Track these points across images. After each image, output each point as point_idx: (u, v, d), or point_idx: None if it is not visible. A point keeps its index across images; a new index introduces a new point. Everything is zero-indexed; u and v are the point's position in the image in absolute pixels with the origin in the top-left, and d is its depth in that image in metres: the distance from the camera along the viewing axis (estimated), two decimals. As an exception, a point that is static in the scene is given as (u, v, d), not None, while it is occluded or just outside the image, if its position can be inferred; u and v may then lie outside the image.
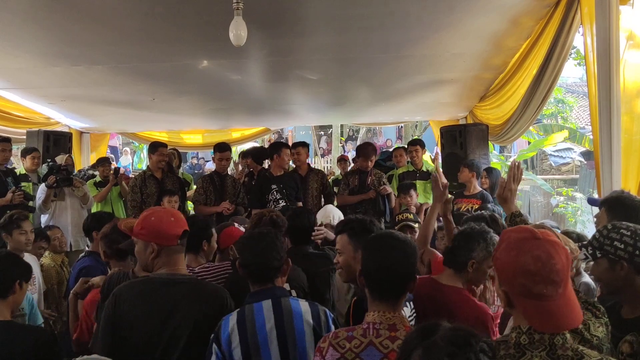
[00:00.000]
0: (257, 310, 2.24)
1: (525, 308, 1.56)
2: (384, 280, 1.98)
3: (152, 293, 2.29)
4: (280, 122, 11.16)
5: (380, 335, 1.88)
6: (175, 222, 2.39)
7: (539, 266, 1.52)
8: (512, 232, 1.68)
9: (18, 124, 7.12)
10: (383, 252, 2.02)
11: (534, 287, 1.52)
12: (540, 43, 4.75)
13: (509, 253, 1.59)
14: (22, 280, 2.69)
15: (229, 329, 2.19)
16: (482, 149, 6.84)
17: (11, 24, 4.26)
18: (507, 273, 1.59)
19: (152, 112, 7.86)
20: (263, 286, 2.32)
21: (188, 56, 5.28)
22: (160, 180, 6.13)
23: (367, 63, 5.71)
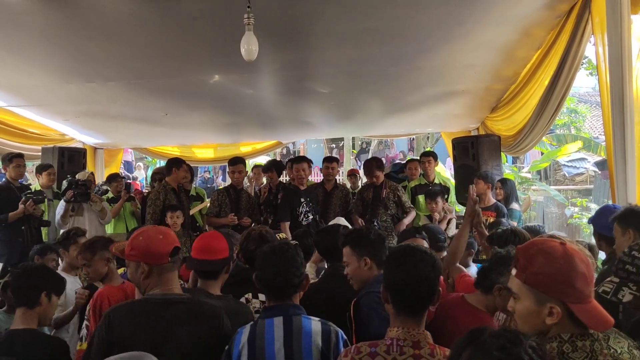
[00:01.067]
0: (268, 327, 2.22)
1: (583, 312, 1.53)
2: (408, 295, 1.94)
3: (146, 314, 2.24)
4: (291, 136, 11.19)
5: (404, 353, 1.85)
6: (165, 240, 2.33)
7: (586, 267, 1.54)
8: (538, 244, 1.64)
9: (33, 140, 7.21)
10: (407, 266, 1.97)
11: (587, 288, 1.53)
12: (552, 53, 4.74)
13: (557, 262, 1.55)
14: (51, 292, 2.70)
15: (240, 345, 2.18)
16: (495, 160, 6.80)
17: (26, 42, 4.33)
18: (562, 281, 1.54)
19: (165, 127, 7.92)
20: (279, 302, 2.30)
21: (200, 71, 5.33)
22: (179, 195, 6.17)
23: (379, 75, 5.72)
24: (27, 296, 2.64)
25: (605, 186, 11.85)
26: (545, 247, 1.61)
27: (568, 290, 1.54)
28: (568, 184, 15.12)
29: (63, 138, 7.94)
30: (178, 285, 2.40)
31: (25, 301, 2.63)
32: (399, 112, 7.78)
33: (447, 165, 13.02)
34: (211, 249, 2.71)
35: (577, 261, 1.53)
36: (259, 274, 2.34)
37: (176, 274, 2.40)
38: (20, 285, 2.67)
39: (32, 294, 2.63)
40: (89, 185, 6.08)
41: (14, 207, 5.59)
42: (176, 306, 2.26)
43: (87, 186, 6.01)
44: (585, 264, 1.53)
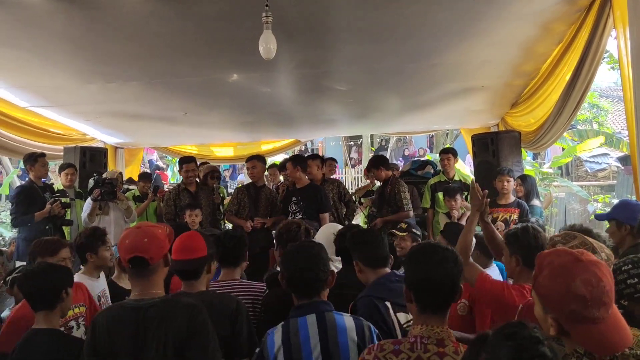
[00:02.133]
0: (302, 325, 2.22)
1: (578, 333, 1.51)
2: (431, 293, 1.92)
3: (123, 319, 2.21)
4: (310, 134, 11.20)
5: (428, 351, 1.84)
6: (149, 243, 2.25)
7: (590, 290, 1.47)
8: (552, 256, 1.61)
9: (55, 140, 7.33)
10: (429, 264, 1.95)
11: (587, 311, 1.47)
12: (573, 48, 4.68)
13: (555, 280, 1.53)
14: (68, 286, 2.73)
15: (275, 347, 2.18)
16: (515, 157, 6.74)
17: (48, 43, 4.40)
18: (556, 300, 1.53)
19: (184, 126, 7.99)
20: (308, 299, 2.30)
21: (218, 70, 5.36)
22: (194, 194, 6.22)
23: (397, 72, 5.70)
24: (50, 298, 2.65)
25: (628, 182, 11.67)
26: (555, 260, 1.58)
27: (562, 309, 1.52)
28: (590, 180, 14.92)
29: (84, 138, 8.05)
30: (159, 287, 2.31)
31: (48, 304, 2.65)
32: (417, 109, 7.74)
33: (466, 161, 12.93)
34: (188, 248, 2.71)
35: (579, 283, 1.48)
36: (286, 273, 2.35)
37: (160, 276, 2.31)
38: (41, 288, 2.65)
39: (55, 294, 2.66)
40: (116, 183, 6.15)
41: (38, 207, 5.69)
42: (148, 310, 2.20)
43: (113, 185, 6.08)
44: (592, 286, 1.47)
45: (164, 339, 2.16)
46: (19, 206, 5.71)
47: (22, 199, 5.74)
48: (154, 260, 2.24)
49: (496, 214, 5.57)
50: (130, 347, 2.16)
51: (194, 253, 2.69)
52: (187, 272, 2.71)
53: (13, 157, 10.21)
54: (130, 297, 2.29)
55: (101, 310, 2.36)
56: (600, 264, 1.53)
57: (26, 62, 4.83)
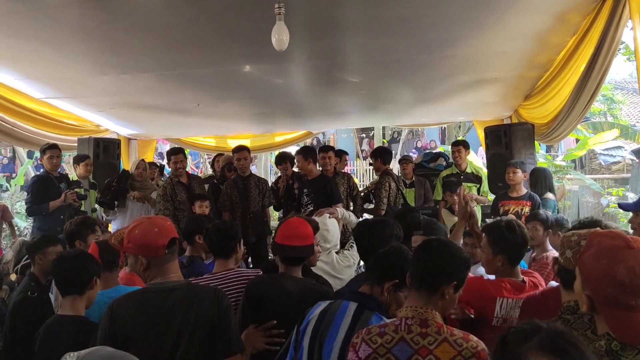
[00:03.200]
0: (342, 308, 2.26)
1: (608, 317, 1.52)
2: (422, 275, 2.04)
3: (148, 302, 2.26)
4: (322, 125, 11.19)
5: (411, 331, 1.91)
6: (160, 233, 2.31)
7: (632, 278, 1.47)
8: (604, 237, 1.61)
9: (69, 131, 7.38)
10: (424, 253, 2.10)
11: (623, 297, 1.47)
12: (588, 39, 4.62)
13: (600, 261, 1.53)
14: (97, 276, 2.79)
15: (310, 317, 2.26)
16: (528, 149, 6.70)
17: (62, 34, 4.43)
18: (595, 281, 1.54)
19: (197, 117, 8.01)
20: (368, 288, 2.33)
21: (231, 62, 5.36)
22: (188, 185, 6.25)
23: (409, 64, 5.68)
24: (81, 284, 2.71)
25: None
26: (604, 241, 1.58)
27: (599, 289, 1.53)
28: (604, 173, 14.80)
29: (98, 129, 8.10)
30: (179, 274, 2.40)
31: (78, 289, 2.70)
32: (430, 101, 7.71)
33: (479, 154, 12.87)
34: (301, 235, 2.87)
35: (622, 269, 1.48)
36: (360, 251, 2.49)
37: (176, 263, 2.40)
38: (75, 273, 2.71)
39: (85, 280, 2.71)
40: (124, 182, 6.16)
41: (53, 196, 5.75)
42: (176, 292, 2.27)
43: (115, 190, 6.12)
44: (634, 274, 1.47)
45: (193, 321, 2.22)
46: (34, 195, 5.78)
47: (37, 189, 5.80)
48: (170, 247, 2.33)
49: (507, 206, 5.55)
50: (152, 331, 2.20)
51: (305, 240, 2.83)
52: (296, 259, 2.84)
53: (28, 147, 10.28)
54: (151, 283, 2.34)
55: (119, 298, 2.38)
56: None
57: (41, 54, 4.87)
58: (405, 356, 1.87)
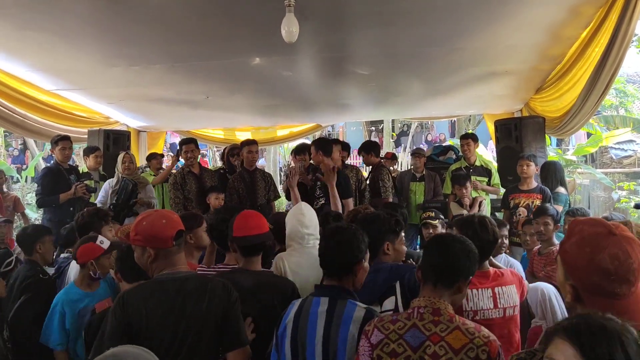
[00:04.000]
0: (314, 304, 2.27)
1: (594, 305, 1.49)
2: (437, 272, 2.05)
3: (161, 291, 2.28)
4: (331, 118, 11.18)
5: (423, 319, 1.94)
6: (167, 224, 2.34)
7: (616, 265, 1.45)
8: (585, 224, 1.58)
9: (80, 123, 7.41)
10: (440, 249, 2.12)
11: (608, 286, 1.46)
12: (601, 31, 4.57)
13: (583, 249, 1.51)
14: None
15: (287, 320, 2.26)
16: (539, 143, 6.65)
17: (73, 26, 4.44)
18: (579, 270, 1.52)
19: (207, 110, 8.02)
20: (330, 281, 2.35)
21: (241, 54, 5.36)
22: (199, 176, 6.25)
23: (419, 57, 5.65)
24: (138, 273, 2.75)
25: (655, 169, 11.46)
26: (586, 229, 1.56)
27: (584, 278, 1.50)
28: (615, 167, 14.68)
29: (108, 121, 8.13)
30: (186, 265, 2.43)
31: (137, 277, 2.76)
32: (439, 94, 7.67)
33: (489, 147, 12.81)
34: (254, 225, 2.86)
35: (606, 257, 1.46)
36: (320, 251, 2.42)
37: (183, 255, 2.42)
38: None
39: None
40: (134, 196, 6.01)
41: (63, 188, 5.78)
42: (187, 282, 2.31)
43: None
44: (619, 261, 1.45)
45: (205, 311, 2.24)
46: (44, 187, 5.81)
47: (47, 181, 5.84)
48: (179, 239, 2.36)
49: (518, 199, 5.52)
50: (167, 320, 2.22)
51: (259, 229, 2.82)
52: (252, 248, 2.82)
53: (38, 139, 10.32)
54: (161, 274, 2.35)
55: (129, 289, 2.40)
56: (633, 241, 1.50)
57: (52, 45, 4.88)
58: (417, 342, 1.90)
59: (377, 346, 1.92)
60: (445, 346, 1.88)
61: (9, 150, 19.13)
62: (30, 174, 14.39)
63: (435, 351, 1.87)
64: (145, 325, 2.22)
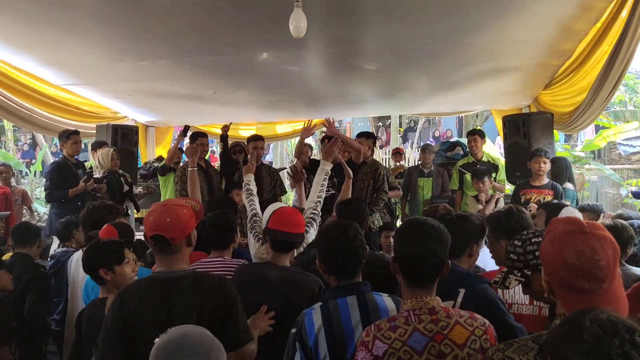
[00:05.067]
0: (342, 306, 2.21)
1: (565, 300, 1.55)
2: (415, 267, 1.96)
3: (153, 291, 2.24)
4: (338, 114, 11.15)
5: (422, 321, 1.89)
6: (171, 223, 2.26)
7: (582, 261, 1.49)
8: (560, 223, 1.64)
9: (87, 118, 7.45)
10: (412, 239, 1.98)
11: (576, 281, 1.50)
12: (612, 26, 4.53)
13: (554, 245, 1.57)
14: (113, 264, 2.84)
15: (315, 329, 2.17)
16: (547, 138, 6.62)
17: (81, 21, 4.45)
18: (549, 265, 1.58)
19: (214, 105, 8.03)
20: (347, 280, 2.29)
21: (248, 49, 5.35)
22: (206, 170, 6.26)
23: (427, 52, 5.62)
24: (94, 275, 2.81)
25: (664, 166, 11.39)
26: (559, 227, 1.61)
27: (553, 274, 1.56)
28: (624, 163, 14.59)
29: (115, 116, 8.15)
30: (186, 263, 2.35)
31: None
32: (447, 89, 7.65)
33: (496, 143, 12.76)
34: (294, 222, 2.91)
35: (572, 252, 1.51)
36: (325, 253, 2.31)
37: (185, 253, 2.34)
38: None
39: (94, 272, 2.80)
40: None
41: (71, 183, 5.79)
42: (179, 282, 2.24)
43: None
44: (584, 258, 1.49)
45: (198, 310, 2.19)
46: (53, 182, 5.82)
47: (56, 175, 5.85)
48: (175, 241, 2.24)
49: (529, 195, 5.48)
50: (159, 319, 2.18)
51: (293, 228, 2.84)
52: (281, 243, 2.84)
53: (46, 134, 10.40)
54: (158, 270, 2.32)
55: (127, 286, 2.38)
56: (605, 240, 1.54)
57: (60, 40, 4.90)
58: (421, 346, 1.85)
59: (382, 357, 1.86)
60: (449, 343, 1.85)
61: (18, 145, 19.24)
62: (38, 168, 14.49)
63: (441, 350, 1.85)
64: (139, 323, 2.20)
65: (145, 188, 7.66)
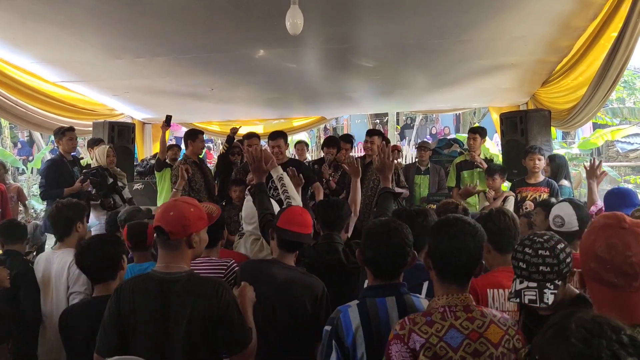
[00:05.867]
0: (381, 306, 2.19)
1: (593, 292, 1.57)
2: (449, 264, 1.98)
3: (148, 290, 2.23)
4: (336, 111, 11.15)
5: (458, 318, 1.91)
6: (172, 218, 2.24)
7: (613, 254, 1.50)
8: (602, 217, 1.67)
9: (84, 115, 7.42)
10: (450, 235, 2.00)
11: (605, 274, 1.51)
12: (610, 23, 4.52)
13: (589, 237, 1.60)
14: (123, 254, 2.83)
15: (353, 328, 2.15)
16: (544, 136, 6.60)
17: (78, 18, 4.43)
18: (583, 255, 1.61)
19: (211, 102, 8.02)
20: (387, 281, 2.26)
21: (245, 46, 5.34)
22: (200, 165, 6.24)
23: (424, 48, 5.61)
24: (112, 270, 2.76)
25: (661, 163, 11.41)
26: (601, 220, 1.63)
27: (585, 264, 1.60)
28: (622, 161, 14.62)
29: (112, 113, 8.13)
30: (186, 263, 2.30)
31: (110, 276, 2.76)
32: (444, 87, 7.64)
33: (494, 140, 12.77)
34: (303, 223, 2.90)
35: (603, 245, 1.53)
36: (369, 253, 2.27)
37: (183, 254, 2.29)
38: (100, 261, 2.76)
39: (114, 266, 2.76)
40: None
41: (66, 180, 5.75)
42: (175, 284, 2.21)
43: None
44: (615, 252, 1.50)
45: (189, 315, 2.17)
46: (48, 180, 5.78)
47: (51, 173, 5.80)
48: (174, 236, 2.22)
49: (525, 192, 5.47)
50: (151, 318, 2.19)
51: (302, 228, 2.82)
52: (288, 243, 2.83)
53: (43, 132, 10.37)
54: (156, 267, 2.30)
55: (126, 280, 2.38)
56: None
57: (57, 37, 4.88)
58: (457, 342, 1.87)
59: (419, 351, 1.87)
60: (485, 342, 1.88)
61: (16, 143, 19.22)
62: (37, 165, 14.46)
63: (477, 348, 1.87)
64: (134, 319, 2.19)
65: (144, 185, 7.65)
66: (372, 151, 5.96)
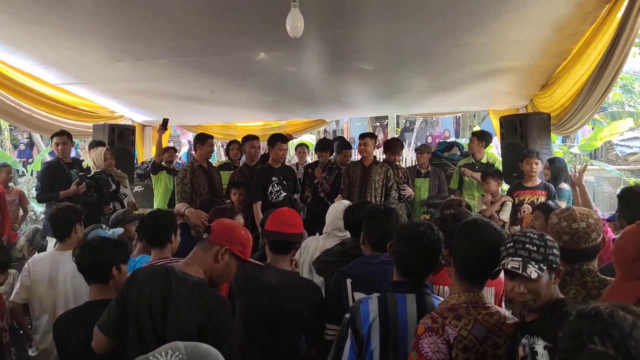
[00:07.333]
0: (401, 301, 2.25)
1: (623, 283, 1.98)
2: (474, 264, 2.07)
3: (157, 283, 2.24)
4: (336, 114, 11.17)
5: (480, 313, 2.04)
6: (224, 222, 2.38)
7: None
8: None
9: (85, 117, 7.43)
10: (475, 238, 2.08)
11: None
12: (606, 28, 4.54)
13: (620, 239, 2.07)
14: (120, 263, 2.80)
15: (370, 318, 2.22)
16: (544, 139, 6.61)
17: (78, 20, 4.45)
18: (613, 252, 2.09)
19: (211, 105, 8.03)
20: (411, 278, 2.31)
21: (246, 49, 5.35)
22: (207, 170, 6.23)
23: (424, 52, 5.63)
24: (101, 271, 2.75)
25: (660, 166, 11.41)
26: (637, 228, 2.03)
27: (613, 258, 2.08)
28: (621, 164, 14.61)
29: (112, 115, 8.15)
30: (203, 267, 2.30)
31: (101, 279, 2.75)
32: (444, 90, 7.66)
33: (494, 143, 12.77)
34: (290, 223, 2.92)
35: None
36: (400, 255, 2.32)
37: (206, 260, 2.30)
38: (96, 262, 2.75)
39: (104, 269, 2.75)
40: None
41: (63, 183, 5.67)
42: (182, 286, 2.22)
43: None
44: None
45: (181, 324, 2.16)
46: (43, 183, 5.69)
47: (47, 176, 5.71)
48: (211, 237, 2.31)
49: (523, 196, 5.49)
50: (151, 312, 2.21)
51: (291, 228, 2.83)
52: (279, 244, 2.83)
53: (43, 134, 10.36)
54: (181, 262, 2.34)
55: (147, 265, 2.43)
56: None
57: (57, 40, 4.90)
58: (482, 335, 1.99)
59: (453, 343, 1.96)
60: (503, 335, 2.02)
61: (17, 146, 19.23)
62: (37, 167, 14.45)
63: (496, 341, 2.00)
64: (136, 303, 2.22)
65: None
66: (366, 152, 6.15)
